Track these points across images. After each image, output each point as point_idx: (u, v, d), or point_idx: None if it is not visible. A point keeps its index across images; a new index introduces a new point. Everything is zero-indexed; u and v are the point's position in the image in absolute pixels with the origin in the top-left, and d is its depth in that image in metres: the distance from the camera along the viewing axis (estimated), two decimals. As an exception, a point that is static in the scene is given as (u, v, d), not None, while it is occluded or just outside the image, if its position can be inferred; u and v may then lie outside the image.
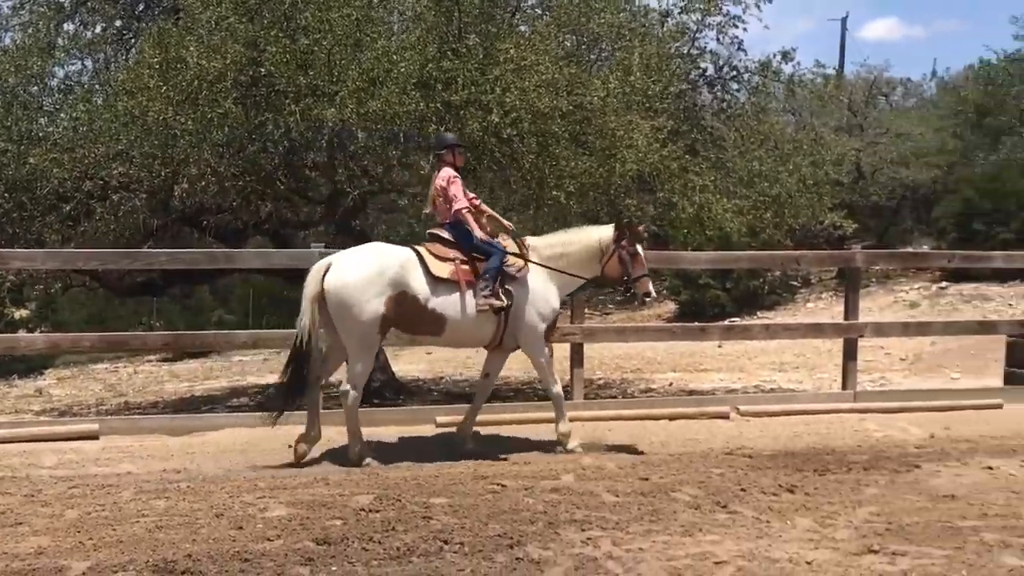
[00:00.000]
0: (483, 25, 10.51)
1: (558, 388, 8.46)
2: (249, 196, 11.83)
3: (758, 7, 13.11)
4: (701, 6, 13.22)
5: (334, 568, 5.39)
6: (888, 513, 6.47)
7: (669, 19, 13.45)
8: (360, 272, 7.83)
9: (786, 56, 13.82)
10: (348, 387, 7.95)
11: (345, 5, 10.35)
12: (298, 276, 8.50)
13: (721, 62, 14.06)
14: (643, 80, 11.13)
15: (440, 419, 9.09)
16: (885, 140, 30.06)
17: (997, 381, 11.97)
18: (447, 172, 8.33)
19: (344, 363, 8.20)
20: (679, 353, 19.31)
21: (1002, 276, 23.30)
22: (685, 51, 13.69)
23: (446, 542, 5.80)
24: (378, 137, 10.55)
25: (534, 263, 8.28)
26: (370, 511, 6.50)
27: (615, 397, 13.92)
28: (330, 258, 8.02)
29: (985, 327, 13.42)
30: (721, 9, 13.30)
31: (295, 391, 8.02)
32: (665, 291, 29.61)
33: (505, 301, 8.07)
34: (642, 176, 11.96)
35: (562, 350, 10.18)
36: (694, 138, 13.49)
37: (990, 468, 7.69)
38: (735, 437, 8.85)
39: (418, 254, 8.07)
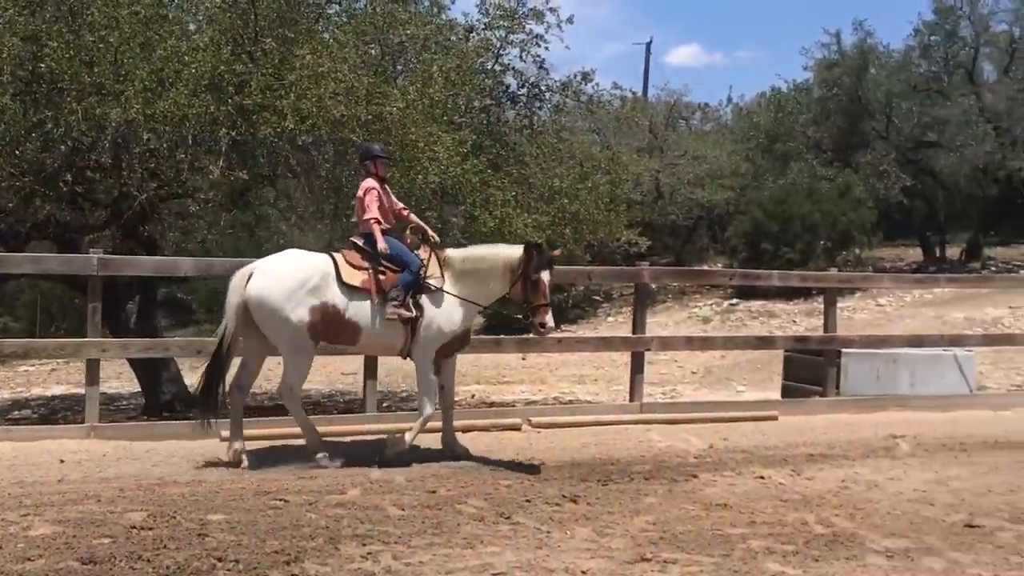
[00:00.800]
0: (280, 29, 10.31)
1: (429, 411, 8.37)
2: (28, 197, 11.17)
3: (559, 27, 13.40)
4: (505, 24, 13.40)
5: (95, 588, 5.12)
6: (663, 522, 6.66)
7: (473, 34, 13.58)
8: (283, 282, 7.95)
9: (586, 77, 14.19)
10: (285, 387, 8.26)
11: (135, 2, 9.98)
12: (76, 282, 8.09)
13: (524, 80, 14.27)
14: (443, 93, 11.15)
15: (225, 433, 8.79)
16: (683, 162, 31.25)
17: (776, 394, 12.60)
18: (367, 183, 8.46)
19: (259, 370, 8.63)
20: (484, 366, 19.46)
21: (787, 294, 24.58)
22: (489, 67, 13.82)
23: (220, 559, 5.60)
24: (167, 139, 10.16)
25: (436, 288, 8.33)
26: (142, 528, 6.20)
27: (416, 410, 13.84)
28: (252, 266, 8.10)
29: (764, 342, 14.10)
30: (524, 28, 13.51)
31: (214, 396, 8.19)
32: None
33: (414, 312, 8.11)
34: (444, 189, 11.98)
35: (357, 362, 10.06)
36: (497, 153, 13.62)
37: (762, 478, 8.03)
38: (525, 448, 8.94)
39: (335, 262, 8.15)
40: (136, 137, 10.07)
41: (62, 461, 7.93)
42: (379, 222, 8.34)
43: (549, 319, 8.03)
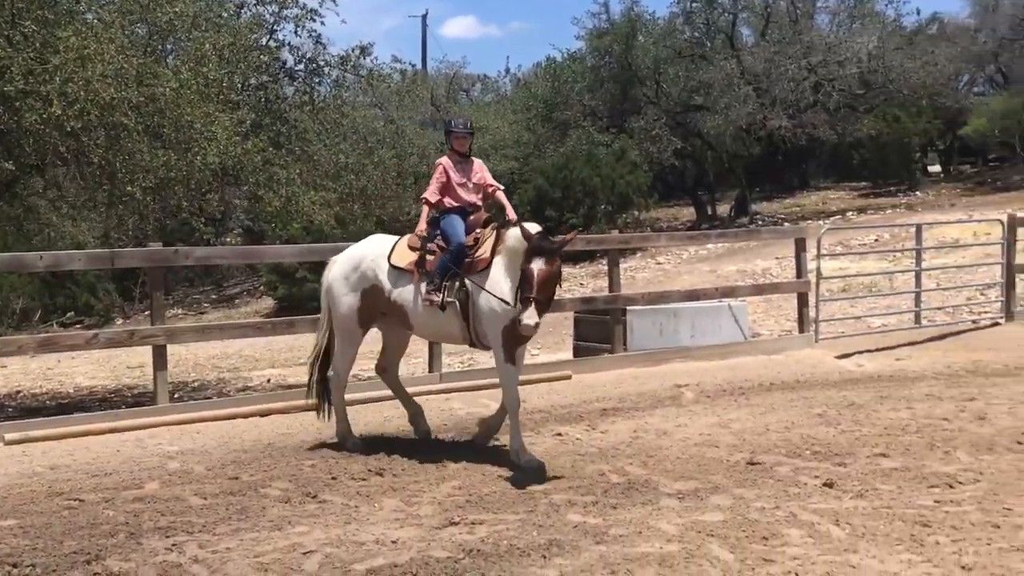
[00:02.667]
0: (40, 11, 9.78)
1: (514, 403, 7.51)
2: None
3: (333, 1, 13.29)
4: (277, -1, 13.20)
5: None
6: (469, 486, 6.84)
7: (245, 10, 13.30)
8: (341, 267, 8.06)
9: (364, 51, 14.15)
10: (332, 372, 8.22)
11: None
12: None
13: (301, 55, 14.10)
14: (218, 71, 10.89)
15: (9, 436, 8.38)
16: (465, 133, 31.54)
17: (569, 354, 13.04)
18: (439, 160, 8.21)
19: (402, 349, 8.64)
20: (278, 349, 19.15)
21: (574, 258, 25.34)
22: (264, 43, 13.58)
23: (15, 566, 5.39)
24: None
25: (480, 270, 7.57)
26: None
27: (210, 398, 13.54)
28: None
29: (553, 305, 14.45)
30: (297, 2, 13.34)
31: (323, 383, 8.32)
32: (262, 287, 29.29)
33: (440, 298, 7.53)
34: (225, 169, 11.74)
35: (145, 354, 9.74)
36: (278, 131, 13.44)
37: (559, 435, 8.35)
38: (327, 427, 8.90)
39: (394, 244, 7.98)
40: None
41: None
42: (428, 202, 7.97)
43: (527, 316, 6.80)
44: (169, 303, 31.55)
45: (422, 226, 7.88)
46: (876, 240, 24.19)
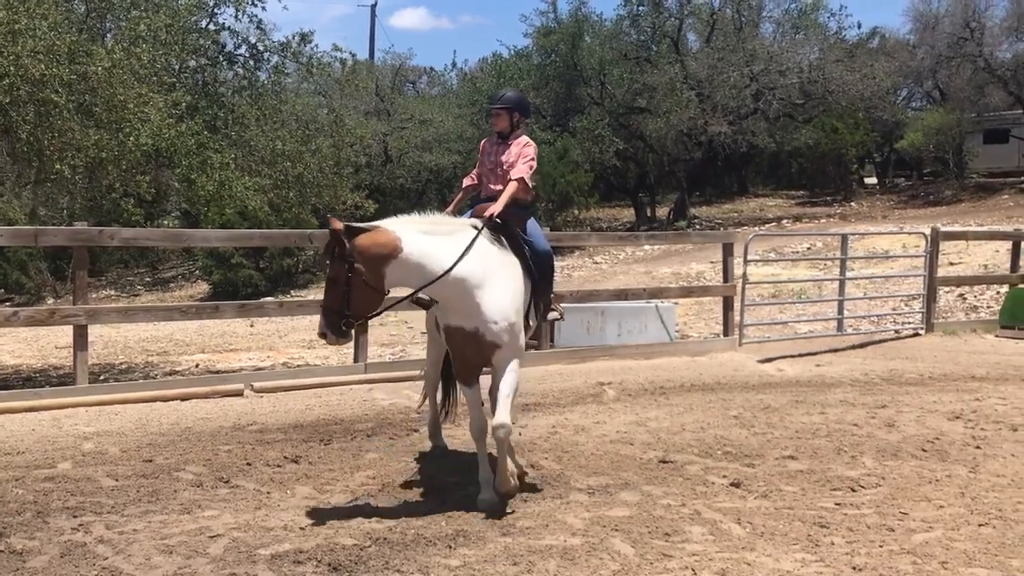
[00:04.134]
0: (-31, -17, 9.66)
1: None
2: None
3: (276, -13, 13.27)
4: (218, -20, 13.13)
5: None
6: (383, 475, 6.89)
7: (186, -9, 13.20)
8: None
9: (304, 38, 14.12)
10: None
11: None
12: None
13: (242, 40, 14.04)
14: (153, 52, 10.81)
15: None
16: (411, 125, 31.57)
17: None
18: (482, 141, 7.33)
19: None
20: (210, 334, 19.04)
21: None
22: (203, 26, 13.50)
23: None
24: None
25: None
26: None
27: (136, 380, 13.44)
28: None
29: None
30: (239, -15, 13.29)
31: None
32: (198, 272, 29.02)
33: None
34: (159, 152, 11.66)
35: (64, 333, 9.65)
36: (214, 115, 13.37)
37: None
38: (247, 413, 8.92)
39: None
40: None
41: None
42: (461, 186, 7.40)
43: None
44: (102, 284, 31.18)
45: (447, 210, 7.03)
46: (809, 248, 24.66)
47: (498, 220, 6.49)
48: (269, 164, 14.04)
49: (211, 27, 13.51)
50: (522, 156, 6.85)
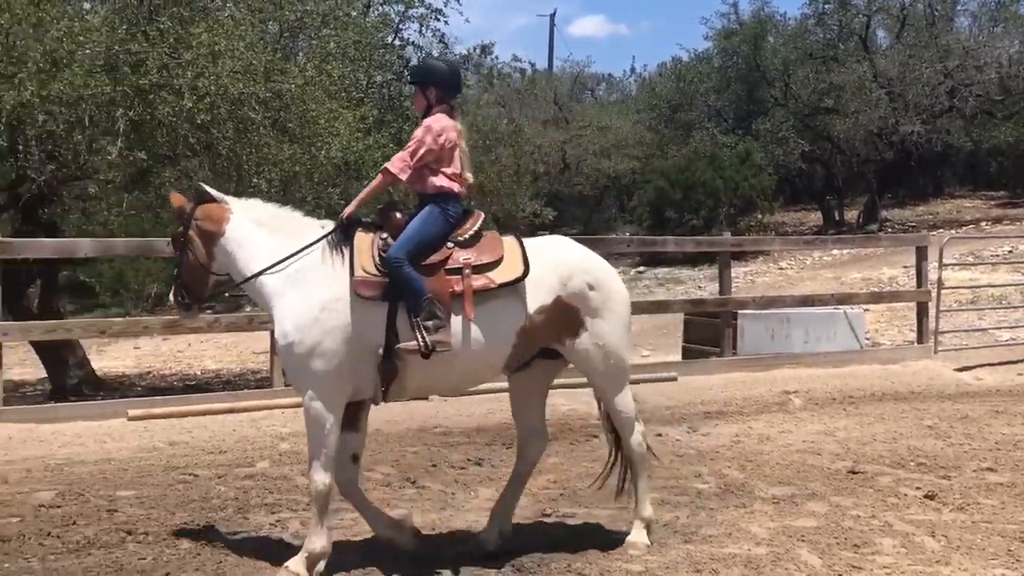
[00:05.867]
0: (175, 8, 10.27)
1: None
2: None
3: (458, 1, 13.57)
4: (404, -1, 13.54)
5: (7, 565, 5.20)
6: (564, 480, 6.94)
7: (372, 10, 13.67)
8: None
9: (485, 50, 14.39)
10: None
11: (25, -18, 9.84)
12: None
13: (425, 54, 14.41)
14: (343, 69, 11.24)
15: (132, 412, 8.84)
16: (589, 132, 31.64)
17: (678, 356, 13.01)
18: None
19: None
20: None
21: (693, 260, 25.15)
22: (389, 42, 13.94)
23: (129, 532, 5.73)
24: (63, 120, 10.06)
25: None
26: (51, 507, 6.29)
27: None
28: None
29: (659, 306, 14.35)
30: (423, 1, 13.65)
31: None
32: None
33: None
34: (348, 164, 12.10)
35: (261, 339, 10.04)
36: (400, 128, 13.77)
37: (660, 435, 8.36)
38: (432, 416, 9.14)
39: None
40: (31, 119, 9.94)
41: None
42: None
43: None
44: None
45: None
46: (1010, 251, 23.31)
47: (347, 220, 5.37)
48: (451, 175, 14.35)
49: (396, 43, 13.97)
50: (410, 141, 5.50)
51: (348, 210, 5.40)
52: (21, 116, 9.84)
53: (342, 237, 5.29)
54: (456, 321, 5.10)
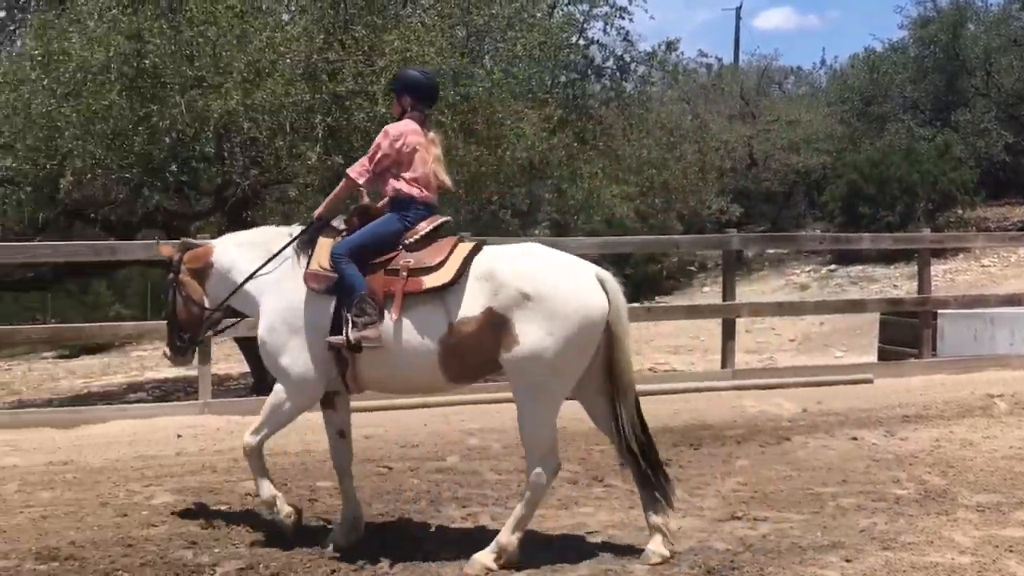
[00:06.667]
0: (369, 16, 10.62)
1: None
2: (138, 188, 11.73)
3: (644, -1, 13.53)
4: (588, -1, 13.58)
5: (216, 550, 5.50)
6: (755, 483, 6.81)
7: (557, 10, 13.76)
8: None
9: (671, 46, 14.25)
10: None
11: (230, -4, 10.39)
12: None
13: (609, 53, 14.43)
14: (528, 71, 11.37)
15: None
16: (776, 127, 30.87)
17: (873, 357, 12.56)
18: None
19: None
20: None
21: (888, 258, 24.19)
22: (574, 41, 14.01)
23: (329, 522, 5.96)
24: (266, 128, 10.58)
25: None
26: (255, 496, 6.60)
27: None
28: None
29: (855, 306, 13.91)
30: (608, 1, 13.66)
31: None
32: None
33: None
34: (532, 164, 12.25)
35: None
36: (583, 127, 13.83)
37: (855, 439, 8.10)
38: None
39: None
40: (237, 127, 10.50)
41: (179, 436, 8.37)
42: None
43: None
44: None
45: None
46: None
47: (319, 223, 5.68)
48: (635, 172, 14.35)
49: (581, 42, 14.02)
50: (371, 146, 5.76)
51: (317, 212, 5.70)
52: (227, 124, 10.38)
53: (309, 240, 5.60)
54: (388, 320, 5.26)
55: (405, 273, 5.32)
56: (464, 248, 5.40)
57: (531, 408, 5.32)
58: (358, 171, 5.63)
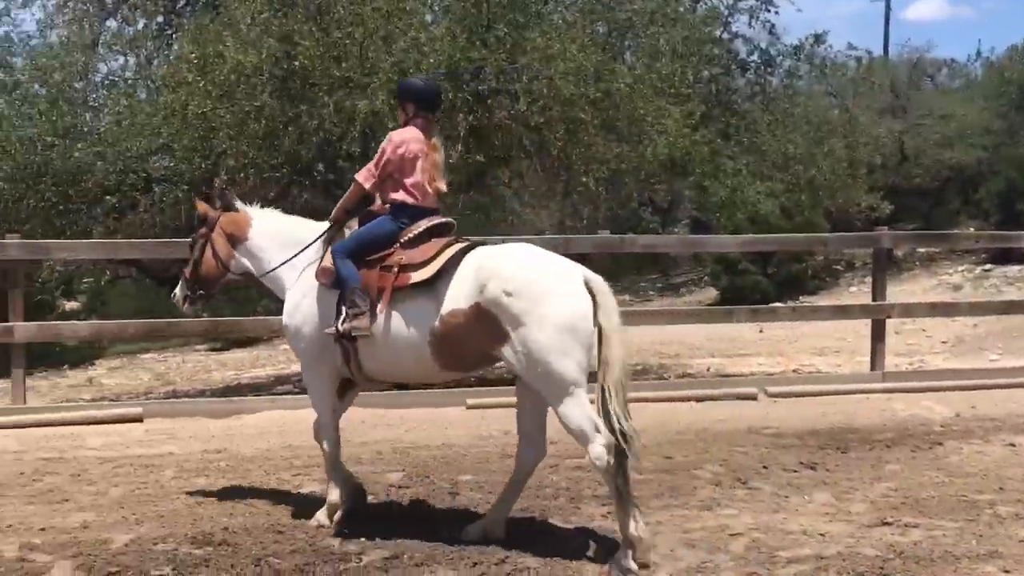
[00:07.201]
0: (511, 15, 10.66)
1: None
2: (287, 187, 12.08)
3: (790, -10, 13.22)
4: (734, -9, 13.35)
5: (363, 539, 5.62)
6: (905, 488, 6.58)
7: (701, 4, 13.57)
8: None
9: (819, 39, 13.88)
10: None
11: (377, -2, 10.58)
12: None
13: (754, 46, 14.14)
14: (671, 66, 11.24)
15: (470, 401, 9.30)
16: (929, 122, 29.74)
17: (1030, 361, 11.98)
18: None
19: None
20: (719, 338, 19.33)
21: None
22: (717, 35, 13.79)
23: (474, 515, 6.01)
24: (409, 127, 10.72)
25: None
26: (400, 487, 6.74)
27: (651, 381, 14.04)
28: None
29: (1014, 307, 13.25)
30: (754, -7, 13.42)
31: None
32: (706, 277, 29.62)
33: None
34: (673, 161, 12.11)
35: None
36: (727, 122, 13.62)
37: (1012, 445, 7.75)
38: (761, 417, 8.95)
39: None
40: (382, 126, 10.67)
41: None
42: None
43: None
44: (617, 289, 32.83)
45: None
46: None
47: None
48: (780, 168, 14.02)
49: (725, 36, 13.78)
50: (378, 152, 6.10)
51: (333, 214, 6.17)
52: (373, 123, 10.57)
53: (327, 238, 6.08)
54: (380, 313, 5.62)
55: (396, 269, 5.67)
56: (454, 247, 5.65)
57: (551, 398, 5.38)
58: (364, 176, 5.98)
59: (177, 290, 6.69)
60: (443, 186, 6.07)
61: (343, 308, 5.68)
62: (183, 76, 10.70)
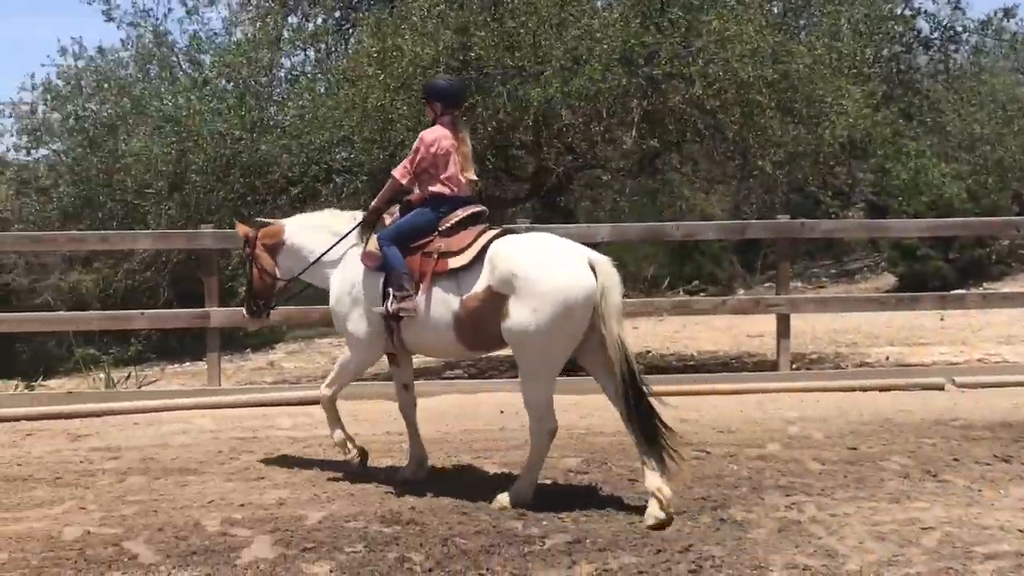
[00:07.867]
0: (685, -2, 10.57)
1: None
2: (460, 176, 12.29)
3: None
4: (916, -35, 12.85)
5: (544, 523, 5.70)
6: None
7: (881, -20, 13.10)
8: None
9: (1008, 13, 13.23)
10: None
11: (548, -15, 10.63)
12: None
13: (937, 23, 13.58)
14: (851, 45, 10.91)
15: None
16: None
17: None
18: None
19: None
20: (898, 327, 18.66)
21: None
22: (899, 12, 13.30)
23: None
24: (582, 114, 10.77)
25: None
26: (577, 473, 6.80)
27: (826, 370, 13.70)
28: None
29: None
30: (938, -34, 12.87)
31: None
32: (884, 264, 28.61)
33: None
34: (853, 143, 11.77)
35: (769, 322, 10.17)
36: (909, 102, 13.15)
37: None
38: (948, 408, 8.61)
39: None
40: (554, 114, 10.75)
41: (501, 412, 8.72)
42: None
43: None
44: (790, 275, 32.04)
45: None
46: None
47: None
48: (966, 150, 13.45)
49: (906, 13, 13.27)
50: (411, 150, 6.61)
51: (373, 205, 6.71)
52: (546, 112, 10.66)
53: (372, 224, 6.60)
54: (421, 295, 6.18)
55: (436, 255, 6.21)
56: (487, 235, 6.15)
57: (525, 374, 6.01)
58: (401, 172, 6.50)
59: (244, 307, 7.40)
60: (473, 175, 6.63)
61: (390, 290, 6.26)
62: (363, 70, 10.99)
